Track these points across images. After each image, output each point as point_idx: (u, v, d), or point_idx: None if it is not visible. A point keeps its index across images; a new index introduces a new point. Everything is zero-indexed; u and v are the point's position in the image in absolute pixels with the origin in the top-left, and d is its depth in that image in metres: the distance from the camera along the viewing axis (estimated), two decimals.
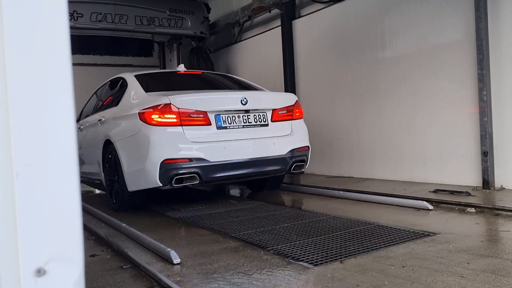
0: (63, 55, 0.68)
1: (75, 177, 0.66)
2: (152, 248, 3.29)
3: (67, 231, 0.65)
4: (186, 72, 5.89)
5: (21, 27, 0.65)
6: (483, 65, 4.98)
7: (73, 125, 0.70)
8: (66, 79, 0.67)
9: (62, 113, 0.66)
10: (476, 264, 2.61)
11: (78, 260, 0.65)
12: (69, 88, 0.67)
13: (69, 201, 0.65)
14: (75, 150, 0.68)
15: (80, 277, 0.65)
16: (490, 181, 4.98)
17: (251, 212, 4.59)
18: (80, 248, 0.67)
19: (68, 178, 0.66)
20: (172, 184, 4.35)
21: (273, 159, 4.84)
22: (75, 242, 0.65)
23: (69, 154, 0.66)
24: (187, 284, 2.55)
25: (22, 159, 0.62)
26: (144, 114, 4.42)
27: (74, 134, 0.68)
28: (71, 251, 0.65)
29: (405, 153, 6.09)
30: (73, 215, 0.65)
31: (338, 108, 7.18)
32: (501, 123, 4.98)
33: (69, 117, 0.67)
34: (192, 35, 9.58)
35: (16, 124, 0.63)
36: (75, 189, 0.66)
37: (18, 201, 0.63)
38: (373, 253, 2.95)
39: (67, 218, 0.65)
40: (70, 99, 0.67)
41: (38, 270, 0.64)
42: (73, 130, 0.69)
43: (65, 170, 0.66)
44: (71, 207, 0.65)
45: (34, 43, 0.66)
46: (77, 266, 0.65)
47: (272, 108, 4.97)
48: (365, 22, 6.60)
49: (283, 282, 2.51)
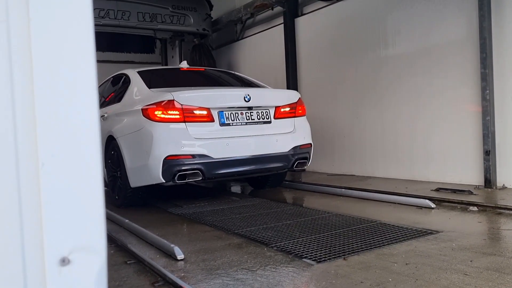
0: (87, 49, 0.68)
1: (98, 168, 0.67)
2: (155, 244, 3.30)
3: (90, 221, 0.66)
4: (189, 69, 5.89)
5: (47, 20, 0.66)
6: (486, 64, 4.98)
7: (97, 117, 0.71)
8: (90, 71, 0.67)
9: (86, 105, 0.67)
10: (479, 262, 2.62)
11: (101, 250, 0.66)
12: (93, 80, 0.68)
13: (92, 191, 0.66)
14: (99, 141, 0.68)
15: (103, 267, 0.66)
16: (492, 180, 4.99)
17: (254, 209, 4.60)
18: (103, 238, 0.67)
19: (91, 169, 0.66)
20: (175, 181, 4.35)
21: (276, 156, 4.84)
22: (98, 232, 0.66)
23: (93, 145, 0.67)
24: (191, 279, 2.56)
25: (47, 149, 0.63)
26: (147, 110, 4.42)
27: (97, 125, 0.68)
28: (94, 241, 0.66)
29: (407, 151, 6.09)
30: (96, 205, 0.66)
31: (340, 106, 7.18)
32: (504, 122, 4.99)
33: (93, 109, 0.68)
34: (194, 32, 9.58)
35: (41, 115, 0.64)
36: (98, 180, 0.67)
37: (43, 191, 0.63)
38: (376, 251, 2.96)
39: (90, 208, 0.66)
40: (93, 92, 0.68)
41: (62, 260, 0.64)
42: (97, 121, 0.70)
43: (89, 161, 0.66)
44: (94, 198, 0.66)
45: (59, 36, 0.67)
46: (100, 256, 0.65)
47: (275, 105, 4.98)
48: (367, 20, 6.60)
49: (287, 279, 2.52)
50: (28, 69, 0.64)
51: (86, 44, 0.68)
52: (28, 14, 0.65)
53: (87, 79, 0.68)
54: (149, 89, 4.86)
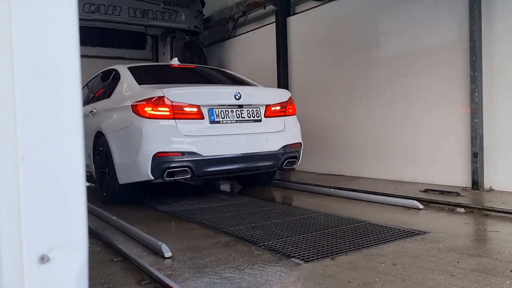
0: (70, 42, 0.66)
1: (81, 163, 0.65)
2: (142, 241, 3.27)
3: (71, 218, 0.64)
4: (179, 66, 5.85)
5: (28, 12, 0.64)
6: (475, 66, 5.02)
7: (79, 110, 0.69)
8: (73, 65, 0.65)
9: (69, 99, 0.64)
10: (466, 263, 2.64)
11: (82, 248, 0.64)
12: (75, 74, 0.66)
13: (74, 187, 0.64)
14: (81, 135, 0.66)
15: (84, 265, 0.64)
16: (480, 182, 5.03)
17: (242, 208, 4.59)
18: (84, 236, 0.65)
19: (73, 164, 0.64)
20: (164, 178, 4.33)
21: (266, 154, 4.84)
22: (79, 229, 0.64)
23: (75, 140, 0.65)
24: (178, 277, 2.54)
25: (28, 143, 0.61)
26: (137, 106, 4.39)
27: (80, 119, 0.66)
28: (75, 239, 0.64)
29: (396, 152, 6.12)
30: (77, 202, 0.64)
31: (331, 106, 7.19)
32: (492, 125, 5.03)
33: (75, 102, 0.66)
34: (186, 29, 9.53)
35: (22, 108, 0.61)
36: (80, 176, 0.65)
37: (23, 186, 0.61)
38: (364, 251, 2.96)
39: (71, 204, 0.64)
40: (76, 86, 0.66)
41: (41, 257, 0.62)
42: (79, 115, 0.67)
43: (71, 156, 0.64)
44: (76, 194, 0.64)
45: (41, 30, 0.64)
46: (81, 254, 0.63)
47: (265, 103, 4.97)
48: (359, 21, 6.62)
49: (274, 278, 2.51)
50: (8, 62, 0.62)
51: (69, 37, 0.66)
52: (9, 2, 0.63)
53: (70, 73, 0.66)
54: (139, 85, 4.83)
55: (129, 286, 2.45)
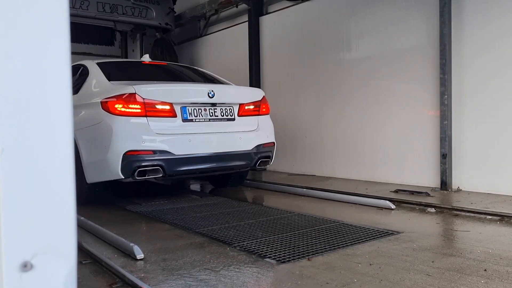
0: (57, 27, 0.59)
1: (69, 157, 0.58)
2: (113, 242, 3.15)
3: (58, 219, 0.56)
4: (151, 63, 5.72)
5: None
6: (445, 69, 5.11)
7: (69, 98, 0.61)
8: (62, 50, 0.58)
9: (57, 84, 0.57)
10: (440, 262, 2.66)
11: (70, 253, 0.57)
12: (65, 60, 0.59)
13: (61, 184, 0.56)
14: (71, 125, 0.59)
15: (72, 272, 0.56)
16: (448, 183, 5.13)
17: (215, 208, 4.51)
18: (73, 239, 0.58)
19: (61, 157, 0.57)
20: (135, 177, 4.20)
21: (239, 154, 4.78)
22: (67, 232, 0.56)
23: (63, 130, 0.57)
24: (151, 280, 2.45)
25: (9, 132, 0.53)
26: (107, 103, 4.24)
27: (69, 108, 0.59)
28: (62, 243, 0.56)
29: (367, 153, 6.18)
30: (65, 201, 0.56)
31: (302, 106, 7.20)
32: (460, 127, 5.14)
33: (64, 89, 0.58)
34: (156, 26, 9.35)
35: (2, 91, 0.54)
36: (69, 171, 0.57)
37: (2, 181, 0.53)
38: (340, 251, 2.95)
39: (58, 203, 0.56)
40: (65, 71, 0.59)
41: (24, 264, 0.54)
42: (69, 103, 0.60)
43: (59, 148, 0.57)
44: (64, 191, 0.56)
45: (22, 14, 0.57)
46: (69, 260, 0.56)
47: (239, 102, 4.91)
48: (331, 23, 6.65)
49: (251, 279, 2.45)
50: None
51: (57, 23, 0.59)
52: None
53: (58, 57, 0.58)
54: (109, 81, 4.67)
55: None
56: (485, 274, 2.43)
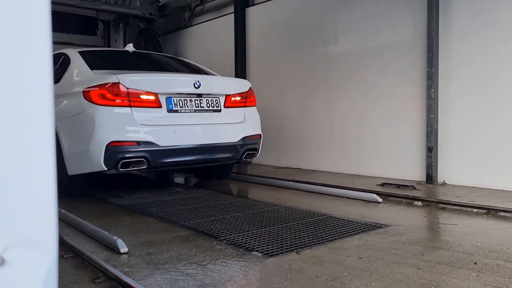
0: (39, 16, 0.50)
1: (49, 131, 0.49)
2: (95, 236, 3.05)
3: (35, 205, 0.48)
4: (135, 52, 5.58)
5: None
6: (432, 63, 5.10)
7: (50, 86, 0.52)
8: (43, 36, 0.50)
9: (36, 72, 0.48)
10: (430, 256, 2.63)
11: (50, 245, 0.49)
12: (46, 47, 0.50)
13: (39, 164, 0.48)
14: (51, 102, 0.50)
15: (53, 267, 0.48)
16: (434, 176, 5.14)
17: (200, 201, 4.43)
18: (54, 230, 0.50)
19: (40, 133, 0.48)
20: (118, 169, 4.08)
21: (225, 146, 4.70)
22: (46, 220, 0.48)
23: (42, 107, 0.49)
24: (136, 275, 2.36)
25: None
26: (89, 92, 4.11)
27: (50, 97, 0.50)
28: (40, 234, 0.48)
29: (353, 147, 6.16)
30: (44, 184, 0.48)
31: (289, 99, 7.14)
32: (446, 120, 5.14)
33: (46, 75, 0.49)
34: (140, 15, 9.17)
35: None
36: (49, 148, 0.49)
37: None
38: (329, 244, 2.90)
39: (36, 187, 0.48)
40: (47, 58, 0.50)
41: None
42: (50, 92, 0.51)
43: (38, 126, 0.48)
44: (43, 174, 0.48)
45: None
46: (48, 254, 0.48)
47: (225, 93, 4.82)
48: (319, 15, 6.59)
49: (239, 273, 2.39)
50: None
51: (39, 19, 0.51)
52: None
53: (38, 46, 0.50)
54: (92, 70, 4.53)
55: (82, 284, 2.25)
56: (476, 267, 2.41)
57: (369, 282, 2.23)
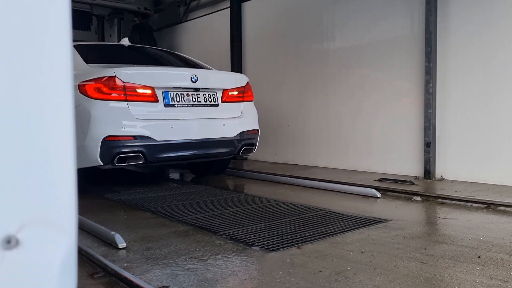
0: (58, 17, 0.45)
1: (68, 104, 0.44)
2: (93, 231, 3.00)
3: (52, 181, 0.43)
4: (131, 46, 5.51)
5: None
6: (430, 58, 5.08)
7: (69, 38, 0.48)
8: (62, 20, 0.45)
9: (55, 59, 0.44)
10: (433, 250, 2.61)
11: (69, 225, 0.44)
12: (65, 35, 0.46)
13: (58, 136, 0.43)
14: (70, 69, 0.46)
15: (72, 250, 0.44)
16: (432, 172, 5.12)
17: (197, 196, 4.39)
18: (73, 208, 0.45)
19: (57, 106, 0.43)
20: (114, 164, 4.03)
21: (222, 141, 4.65)
22: (64, 197, 0.43)
23: (62, 75, 0.44)
24: (136, 270, 2.31)
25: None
26: (84, 86, 4.04)
27: (70, 72, 0.46)
28: (58, 213, 0.43)
29: (350, 142, 6.13)
30: (63, 157, 0.43)
31: (285, 95, 7.10)
32: (444, 115, 5.12)
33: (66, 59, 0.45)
34: (135, 10, 9.07)
35: None
36: (68, 121, 0.44)
37: None
38: (330, 239, 2.87)
39: (53, 161, 0.43)
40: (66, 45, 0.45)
41: (7, 240, 0.41)
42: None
43: (55, 95, 0.43)
44: (61, 146, 0.43)
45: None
46: (67, 235, 0.43)
47: (222, 88, 4.77)
48: (315, 11, 6.54)
49: (241, 268, 2.35)
50: None
51: (58, 12, 0.46)
52: None
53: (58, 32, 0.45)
54: (87, 64, 4.47)
55: (81, 280, 2.20)
56: (480, 261, 2.39)
57: (373, 276, 2.20)
